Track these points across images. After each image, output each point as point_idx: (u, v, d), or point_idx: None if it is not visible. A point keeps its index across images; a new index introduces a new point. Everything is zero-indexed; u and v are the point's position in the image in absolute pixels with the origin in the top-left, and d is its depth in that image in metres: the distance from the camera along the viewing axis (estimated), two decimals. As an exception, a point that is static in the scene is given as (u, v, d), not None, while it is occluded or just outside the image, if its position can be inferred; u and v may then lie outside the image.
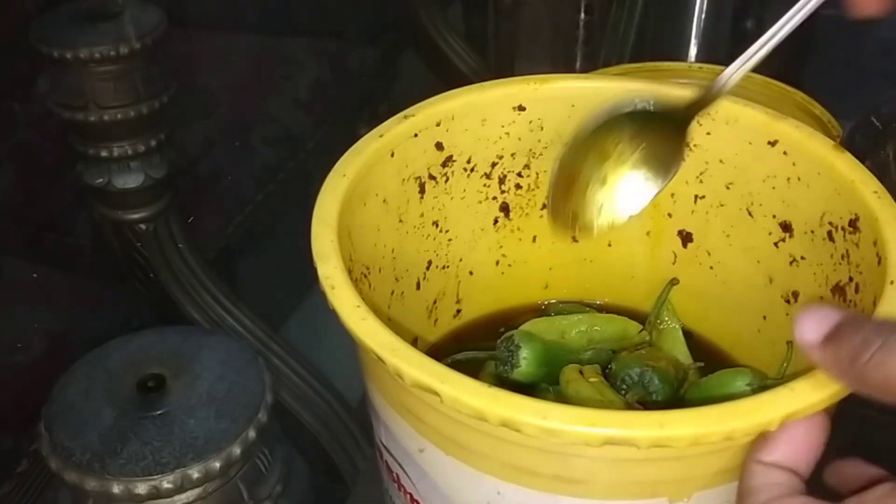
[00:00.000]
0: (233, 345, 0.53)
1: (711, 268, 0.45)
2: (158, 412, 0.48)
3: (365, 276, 0.40)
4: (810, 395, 0.28)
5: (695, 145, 0.43)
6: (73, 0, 0.71)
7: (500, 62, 0.89)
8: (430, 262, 0.45)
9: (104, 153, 0.71)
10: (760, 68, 0.38)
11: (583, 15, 0.82)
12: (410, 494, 0.36)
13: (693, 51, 0.76)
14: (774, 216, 0.41)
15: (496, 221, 0.47)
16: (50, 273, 0.81)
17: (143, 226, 0.76)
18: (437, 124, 0.42)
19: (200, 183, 0.90)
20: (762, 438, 0.29)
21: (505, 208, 0.46)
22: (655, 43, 0.80)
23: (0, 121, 0.78)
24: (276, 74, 1.04)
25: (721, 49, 0.76)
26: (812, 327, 0.29)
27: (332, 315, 0.32)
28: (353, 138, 0.40)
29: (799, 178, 0.40)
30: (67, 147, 0.73)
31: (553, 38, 0.85)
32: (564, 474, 0.30)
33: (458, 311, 0.48)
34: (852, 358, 0.27)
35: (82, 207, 0.78)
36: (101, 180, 0.72)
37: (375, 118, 0.40)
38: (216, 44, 1.00)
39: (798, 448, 0.29)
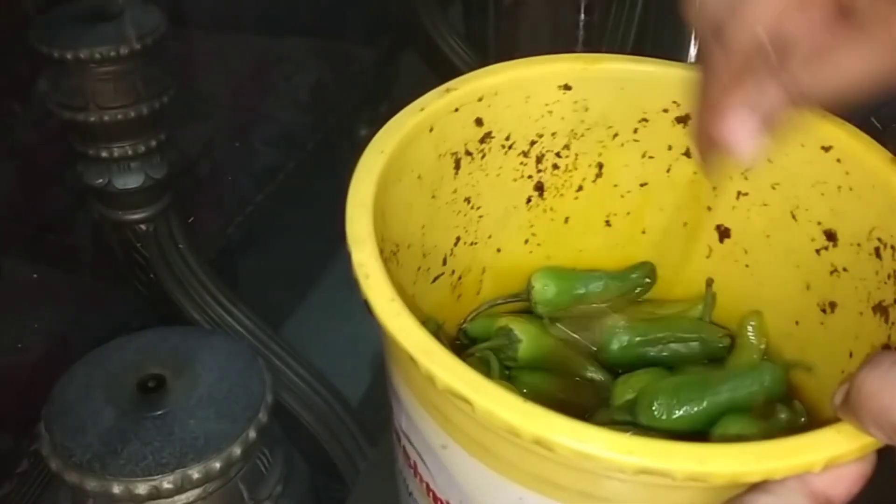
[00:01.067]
0: (233, 345, 0.53)
1: (747, 266, 0.44)
2: (159, 412, 0.48)
3: (394, 253, 0.38)
4: (857, 438, 0.27)
5: None
6: (73, 0, 0.71)
7: (500, 62, 0.89)
8: (458, 238, 0.44)
9: (104, 153, 0.71)
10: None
11: (583, 15, 0.82)
12: (427, 483, 0.35)
13: (693, 51, 0.76)
14: (819, 223, 0.40)
15: (529, 200, 0.45)
16: (50, 273, 0.81)
17: (143, 226, 0.76)
18: (480, 99, 0.41)
19: (200, 183, 0.90)
20: None
21: (539, 188, 0.45)
22: (655, 43, 0.80)
23: (0, 121, 0.78)
24: (276, 74, 1.04)
25: None
26: (841, 391, 0.28)
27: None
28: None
29: (851, 188, 0.38)
30: (67, 147, 0.73)
31: (553, 39, 0.85)
32: (592, 492, 0.29)
33: (481, 289, 0.47)
34: (855, 392, 0.26)
35: (82, 207, 0.78)
36: (101, 181, 0.73)
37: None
38: (216, 44, 1.00)
39: (841, 476, 0.27)
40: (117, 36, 0.67)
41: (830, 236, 0.39)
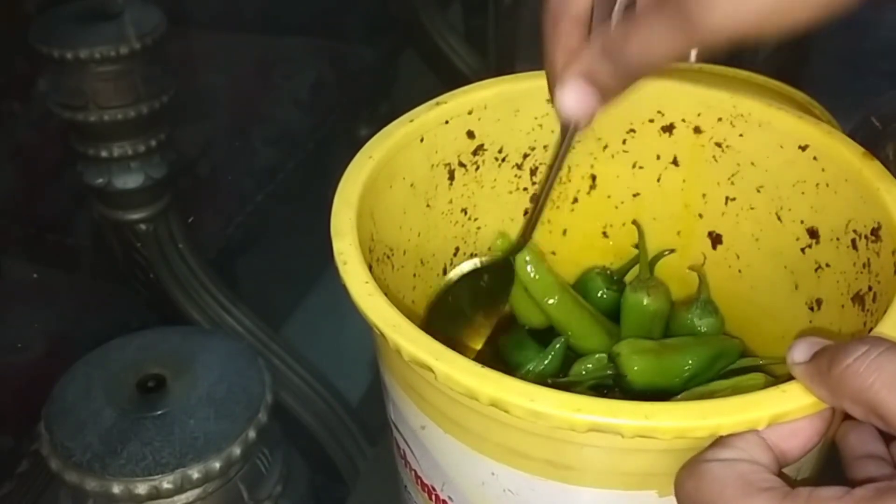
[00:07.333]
0: (233, 345, 0.53)
1: (740, 271, 0.45)
2: (158, 412, 0.48)
3: (388, 256, 0.40)
4: (800, 397, 0.28)
5: (727, 146, 0.43)
6: (73, 0, 0.71)
7: (500, 62, 0.89)
8: (457, 249, 0.45)
9: (104, 153, 0.71)
10: (761, 68, 0.38)
11: (583, 15, 0.82)
12: (415, 471, 0.36)
13: (693, 52, 0.76)
14: (802, 221, 0.41)
15: (526, 212, 0.46)
16: (50, 273, 0.81)
17: (143, 226, 0.76)
18: (469, 112, 0.42)
19: (200, 183, 0.90)
20: None
21: (535, 200, 0.46)
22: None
23: (0, 121, 0.78)
24: (276, 74, 1.04)
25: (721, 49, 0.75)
26: (803, 350, 0.29)
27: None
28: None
29: (827, 185, 0.39)
30: (67, 147, 0.73)
31: (553, 38, 0.84)
32: (555, 459, 0.31)
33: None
34: (829, 364, 0.27)
35: (82, 207, 0.78)
36: (101, 180, 0.73)
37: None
38: (216, 44, 1.00)
39: (795, 432, 0.29)
40: (117, 36, 0.67)
41: (813, 234, 0.41)
